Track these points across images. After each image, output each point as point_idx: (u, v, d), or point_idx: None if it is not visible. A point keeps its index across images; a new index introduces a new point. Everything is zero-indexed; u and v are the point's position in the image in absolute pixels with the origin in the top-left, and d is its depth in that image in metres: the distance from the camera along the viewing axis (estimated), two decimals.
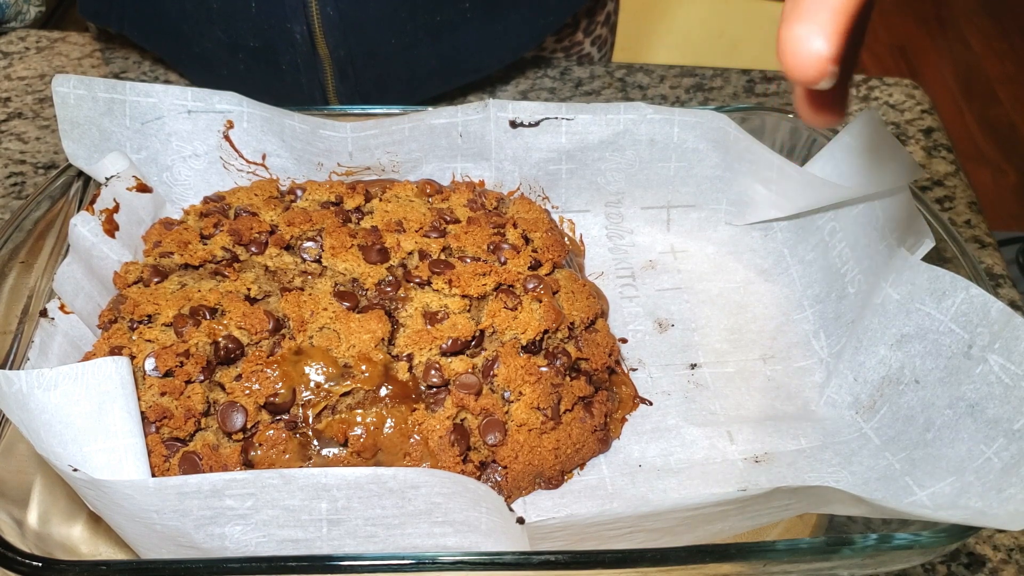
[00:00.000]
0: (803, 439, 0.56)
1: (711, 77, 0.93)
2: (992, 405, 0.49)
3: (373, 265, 0.58)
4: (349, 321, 0.54)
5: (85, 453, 0.47)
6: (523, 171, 0.67)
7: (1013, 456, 0.48)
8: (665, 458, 0.56)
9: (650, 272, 0.67)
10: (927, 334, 0.53)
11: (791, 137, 0.67)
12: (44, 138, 0.83)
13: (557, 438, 0.54)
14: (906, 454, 0.53)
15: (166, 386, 0.51)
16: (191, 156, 0.65)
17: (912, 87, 0.94)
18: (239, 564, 0.43)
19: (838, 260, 0.62)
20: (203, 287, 0.56)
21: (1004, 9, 2.56)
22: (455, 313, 0.55)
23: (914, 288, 0.53)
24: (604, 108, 0.65)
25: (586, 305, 0.59)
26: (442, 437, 0.51)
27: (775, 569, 0.46)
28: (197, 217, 0.62)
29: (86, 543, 0.51)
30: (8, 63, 0.92)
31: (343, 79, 0.83)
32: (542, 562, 0.44)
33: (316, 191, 0.64)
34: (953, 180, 0.84)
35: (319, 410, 0.51)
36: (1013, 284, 0.75)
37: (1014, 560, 0.58)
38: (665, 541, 0.47)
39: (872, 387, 0.56)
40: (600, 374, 0.57)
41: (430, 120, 0.65)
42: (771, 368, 0.61)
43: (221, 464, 0.50)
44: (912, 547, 0.45)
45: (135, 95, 0.63)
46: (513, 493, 0.54)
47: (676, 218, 0.70)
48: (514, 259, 0.59)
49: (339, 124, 0.65)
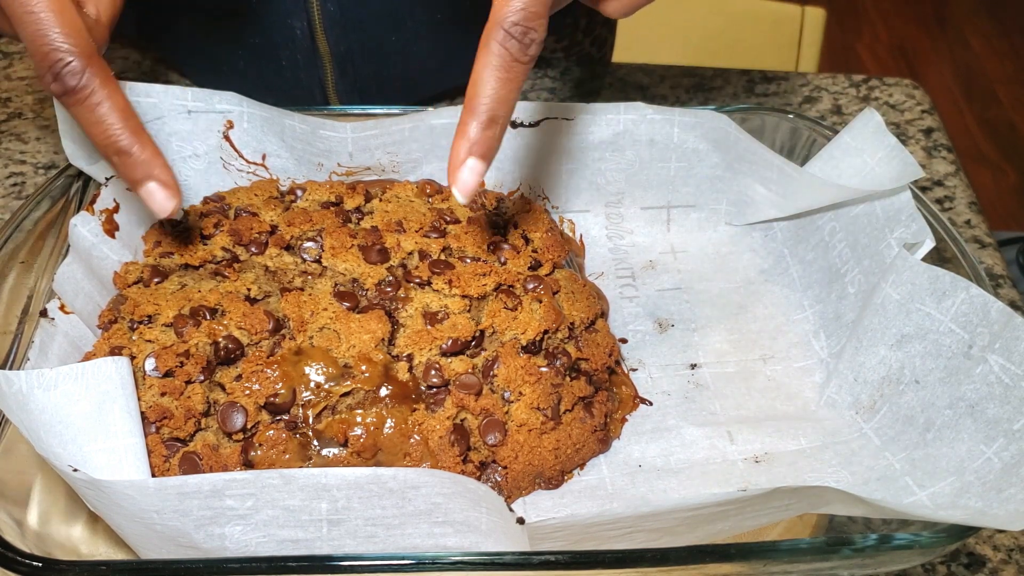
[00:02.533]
0: (803, 439, 0.56)
1: (711, 77, 0.93)
2: (992, 405, 0.49)
3: (373, 265, 0.58)
4: (349, 321, 0.54)
5: (85, 453, 0.47)
6: (523, 171, 0.67)
7: (1013, 456, 0.48)
8: (665, 458, 0.56)
9: (650, 272, 0.67)
10: (927, 334, 0.53)
11: (791, 137, 0.67)
12: (44, 138, 0.83)
13: (557, 438, 0.54)
14: (906, 454, 0.53)
15: (166, 386, 0.51)
16: (191, 156, 0.65)
17: (912, 87, 0.94)
18: (239, 564, 0.43)
19: (838, 260, 0.62)
20: (203, 287, 0.56)
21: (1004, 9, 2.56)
22: (455, 313, 0.55)
23: (914, 288, 0.54)
24: (604, 108, 0.65)
25: (586, 305, 0.59)
26: (442, 437, 0.51)
27: (775, 569, 0.46)
28: (197, 217, 0.62)
29: (86, 543, 0.51)
30: (8, 63, 0.92)
31: (343, 75, 0.83)
32: (542, 562, 0.44)
33: (316, 191, 0.64)
34: (953, 180, 0.84)
35: (319, 410, 0.51)
36: (1013, 284, 0.75)
37: (1014, 560, 0.58)
38: (665, 541, 0.47)
39: (872, 387, 0.56)
40: (600, 374, 0.57)
41: (430, 120, 0.65)
42: (771, 368, 0.61)
43: (221, 464, 0.50)
44: (912, 547, 0.45)
45: (135, 95, 0.63)
46: (513, 493, 0.54)
47: (676, 218, 0.70)
48: (514, 259, 0.59)
49: (339, 124, 0.65)
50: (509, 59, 0.47)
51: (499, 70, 0.47)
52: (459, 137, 0.49)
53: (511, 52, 0.47)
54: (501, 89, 0.48)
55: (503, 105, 0.48)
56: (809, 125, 0.67)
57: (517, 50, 0.47)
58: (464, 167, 0.48)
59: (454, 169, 0.49)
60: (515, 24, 0.47)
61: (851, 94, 0.93)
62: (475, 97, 0.48)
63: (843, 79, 0.94)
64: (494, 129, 0.48)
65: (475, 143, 0.48)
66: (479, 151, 0.48)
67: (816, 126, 0.67)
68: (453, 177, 0.49)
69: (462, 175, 0.49)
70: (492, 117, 0.48)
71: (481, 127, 0.48)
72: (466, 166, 0.48)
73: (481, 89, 0.48)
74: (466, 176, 0.49)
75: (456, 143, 0.49)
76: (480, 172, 0.49)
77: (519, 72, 0.48)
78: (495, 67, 0.47)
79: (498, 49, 0.47)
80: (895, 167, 0.59)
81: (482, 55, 0.48)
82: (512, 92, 0.48)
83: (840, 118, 0.90)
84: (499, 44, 0.47)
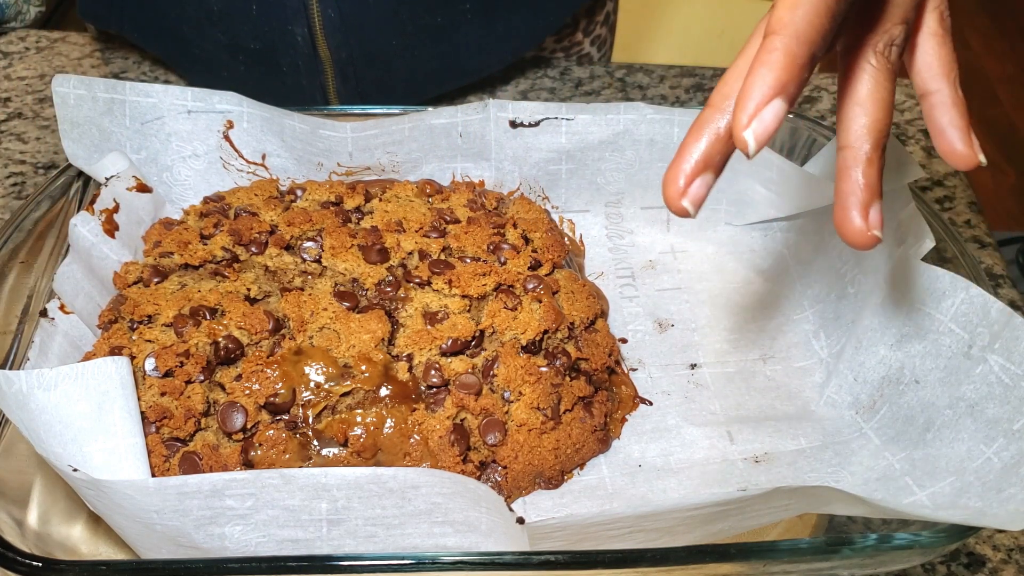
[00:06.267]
0: (803, 439, 0.56)
1: (711, 77, 0.93)
2: (992, 405, 0.49)
3: (373, 265, 0.58)
4: (349, 321, 0.54)
5: (85, 453, 0.47)
6: (523, 171, 0.67)
7: (1013, 456, 0.48)
8: (665, 458, 0.56)
9: (650, 272, 0.67)
10: (927, 334, 0.53)
11: (791, 137, 0.67)
12: (44, 138, 0.83)
13: (557, 438, 0.54)
14: (906, 454, 0.53)
15: (166, 386, 0.51)
16: (191, 156, 0.65)
17: (912, 87, 0.94)
18: (239, 564, 0.43)
19: (838, 260, 0.62)
20: (203, 287, 0.56)
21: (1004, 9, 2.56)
22: (455, 313, 0.55)
23: (914, 288, 0.53)
24: (604, 108, 0.65)
25: (586, 305, 0.59)
26: (442, 437, 0.51)
27: (775, 569, 0.46)
28: (197, 217, 0.62)
29: (86, 543, 0.51)
30: (8, 63, 0.92)
31: (344, 81, 0.83)
32: (542, 562, 0.44)
33: (316, 191, 0.64)
34: (953, 180, 0.84)
35: (319, 410, 0.51)
36: (1013, 284, 0.75)
37: (1014, 560, 0.58)
38: (665, 541, 0.47)
39: (872, 387, 0.56)
40: (600, 374, 0.57)
41: (430, 120, 0.65)
42: (771, 368, 0.61)
43: (221, 464, 0.50)
44: (912, 547, 0.45)
45: (135, 95, 0.63)
46: (513, 493, 0.54)
47: (676, 218, 0.70)
48: (514, 259, 0.59)
49: (339, 124, 0.65)
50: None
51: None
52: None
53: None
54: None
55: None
56: (809, 125, 0.67)
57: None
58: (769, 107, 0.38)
59: (751, 110, 0.38)
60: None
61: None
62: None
63: None
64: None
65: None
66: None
67: (816, 126, 0.66)
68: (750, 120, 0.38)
69: (764, 114, 0.38)
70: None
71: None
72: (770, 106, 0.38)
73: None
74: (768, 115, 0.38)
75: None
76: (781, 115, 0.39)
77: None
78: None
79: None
80: (895, 167, 0.59)
81: None
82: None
83: None
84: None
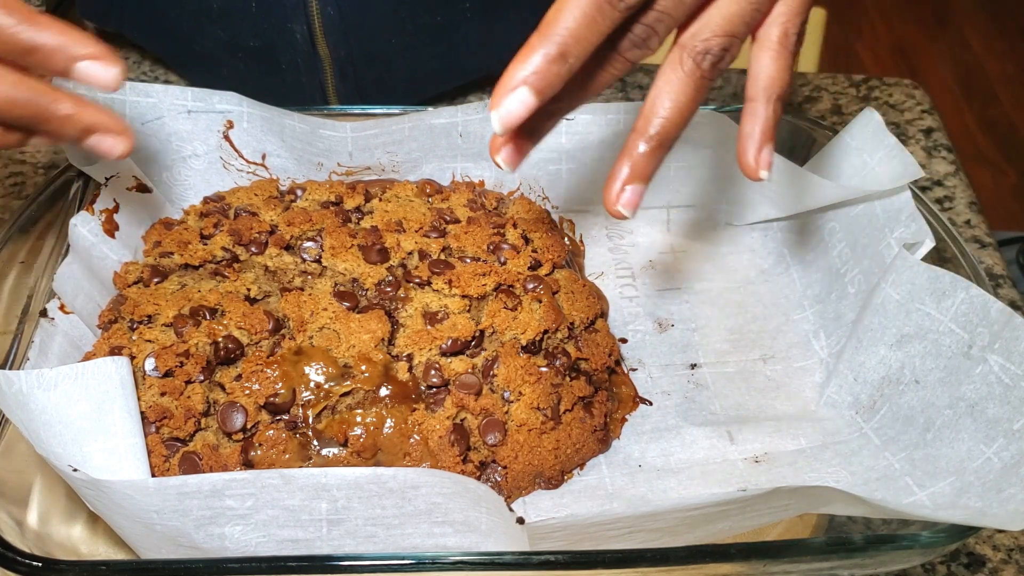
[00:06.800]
0: (803, 439, 0.56)
1: None
2: (992, 405, 0.49)
3: (373, 265, 0.58)
4: (349, 321, 0.54)
5: (85, 453, 0.47)
6: (523, 171, 0.67)
7: (1013, 456, 0.48)
8: (665, 458, 0.56)
9: (650, 272, 0.67)
10: (927, 334, 0.53)
11: (791, 137, 0.67)
12: None
13: (557, 438, 0.54)
14: (906, 454, 0.53)
15: (166, 386, 0.51)
16: (191, 156, 0.65)
17: (912, 87, 0.94)
18: (239, 564, 0.43)
19: (838, 260, 0.62)
20: (203, 287, 0.56)
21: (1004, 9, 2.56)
22: (455, 313, 0.55)
23: (914, 288, 0.53)
24: (604, 108, 0.65)
25: (586, 305, 0.59)
26: (442, 437, 0.51)
27: (775, 569, 0.46)
28: (197, 217, 0.62)
29: (86, 543, 0.51)
30: None
31: (343, 79, 0.83)
32: (542, 562, 0.44)
33: (316, 191, 0.64)
34: (953, 180, 0.84)
35: (319, 410, 0.51)
36: (1013, 284, 0.75)
37: (1014, 560, 0.58)
38: (665, 541, 0.47)
39: (872, 387, 0.56)
40: (600, 374, 0.57)
41: (430, 120, 0.65)
42: (771, 368, 0.61)
43: (221, 464, 0.50)
44: (912, 547, 0.45)
45: (135, 95, 0.63)
46: (513, 493, 0.54)
47: (676, 218, 0.70)
48: (514, 259, 0.59)
49: (339, 124, 0.65)
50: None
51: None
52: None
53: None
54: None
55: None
56: (809, 125, 0.67)
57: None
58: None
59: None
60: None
61: (851, 94, 0.93)
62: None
63: (843, 79, 0.94)
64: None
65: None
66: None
67: (816, 126, 0.66)
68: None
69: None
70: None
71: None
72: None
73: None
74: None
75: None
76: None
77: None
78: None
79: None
80: (895, 167, 0.59)
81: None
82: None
83: (840, 118, 0.89)
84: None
